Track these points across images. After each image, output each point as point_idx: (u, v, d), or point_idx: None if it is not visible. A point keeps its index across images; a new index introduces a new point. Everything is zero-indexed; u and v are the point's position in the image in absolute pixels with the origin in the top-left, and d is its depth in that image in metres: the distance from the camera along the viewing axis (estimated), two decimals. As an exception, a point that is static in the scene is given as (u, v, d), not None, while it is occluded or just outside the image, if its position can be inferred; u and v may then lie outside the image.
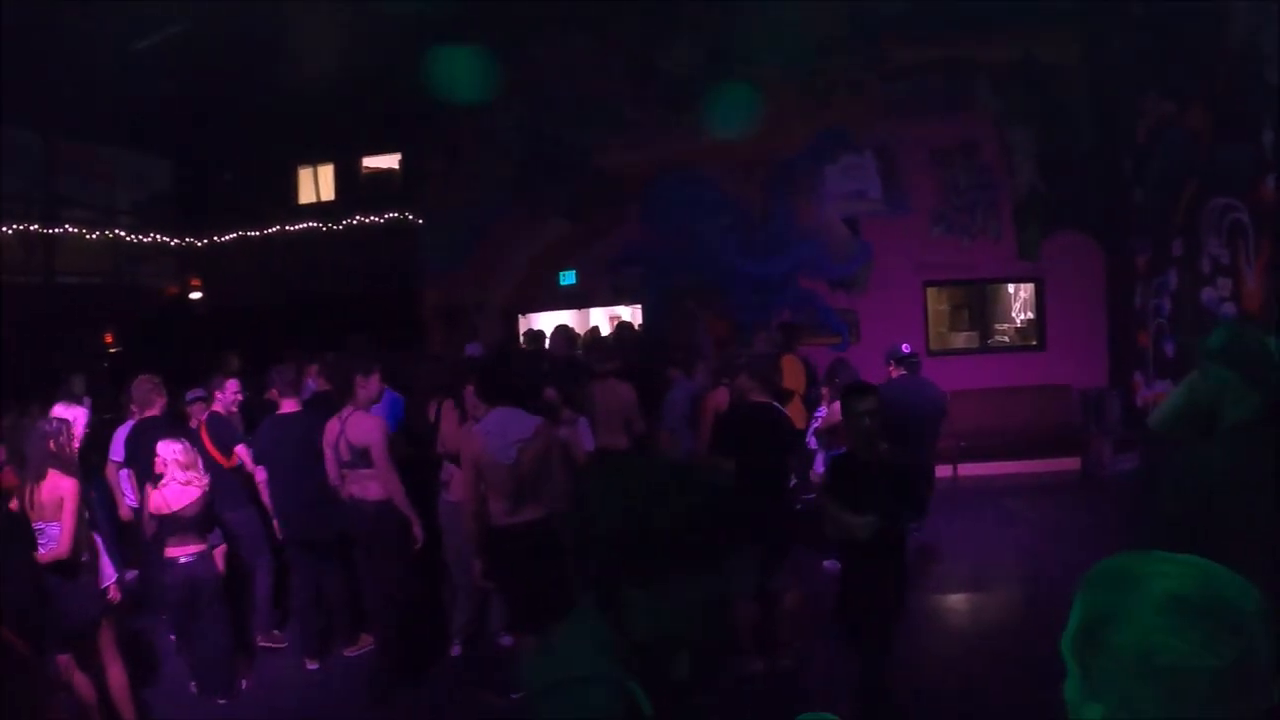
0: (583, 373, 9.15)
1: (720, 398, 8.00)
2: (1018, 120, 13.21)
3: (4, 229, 16.81)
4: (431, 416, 7.89)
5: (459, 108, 14.25)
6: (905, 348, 8.42)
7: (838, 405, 8.50)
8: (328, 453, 6.89)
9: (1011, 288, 14.67)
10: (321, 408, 7.66)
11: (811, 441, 8.88)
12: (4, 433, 7.73)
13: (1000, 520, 10.61)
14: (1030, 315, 14.08)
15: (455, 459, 6.77)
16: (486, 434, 6.05)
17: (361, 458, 6.68)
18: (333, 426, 6.87)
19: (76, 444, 6.43)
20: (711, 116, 13.34)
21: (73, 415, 6.73)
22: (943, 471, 11.75)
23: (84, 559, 5.84)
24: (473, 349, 12.53)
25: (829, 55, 13.49)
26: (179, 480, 6.43)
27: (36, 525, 5.64)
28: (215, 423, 7.96)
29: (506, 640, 7.02)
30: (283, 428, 7.41)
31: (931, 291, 13.80)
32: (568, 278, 15.59)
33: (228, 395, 8.30)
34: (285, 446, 7.29)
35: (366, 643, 7.39)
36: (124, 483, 8.20)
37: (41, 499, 5.73)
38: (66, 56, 12.97)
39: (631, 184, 14.63)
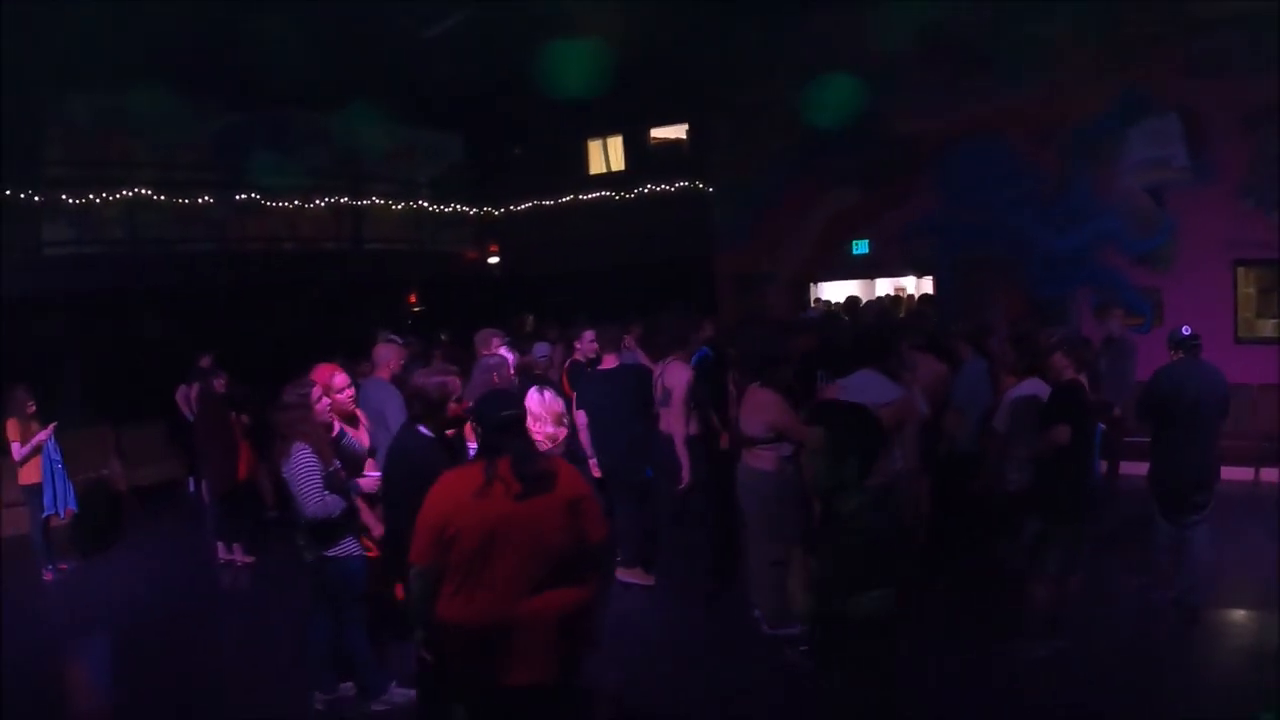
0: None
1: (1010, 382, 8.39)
2: (1338, 81, 11.94)
3: (318, 202, 19.18)
4: (732, 390, 9.18)
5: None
6: (1185, 330, 8.03)
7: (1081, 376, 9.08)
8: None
9: (1329, 271, 13.66)
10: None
11: None
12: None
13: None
14: (1351, 304, 13.01)
15: (754, 442, 7.39)
16: (845, 390, 6.70)
17: (668, 398, 8.21)
18: (658, 370, 8.57)
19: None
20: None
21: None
22: (1241, 474, 11.59)
23: None
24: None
25: (1128, 9, 13.20)
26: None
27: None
28: (574, 369, 9.65)
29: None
30: (607, 381, 8.78)
31: (1240, 272, 12.94)
32: (860, 247, 16.31)
33: (585, 345, 9.72)
34: (610, 397, 8.64)
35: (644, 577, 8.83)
36: None
37: None
38: (366, 45, 14.71)
39: (924, 151, 14.96)
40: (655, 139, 20.88)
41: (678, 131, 20.49)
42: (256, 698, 7.12)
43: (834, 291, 17.79)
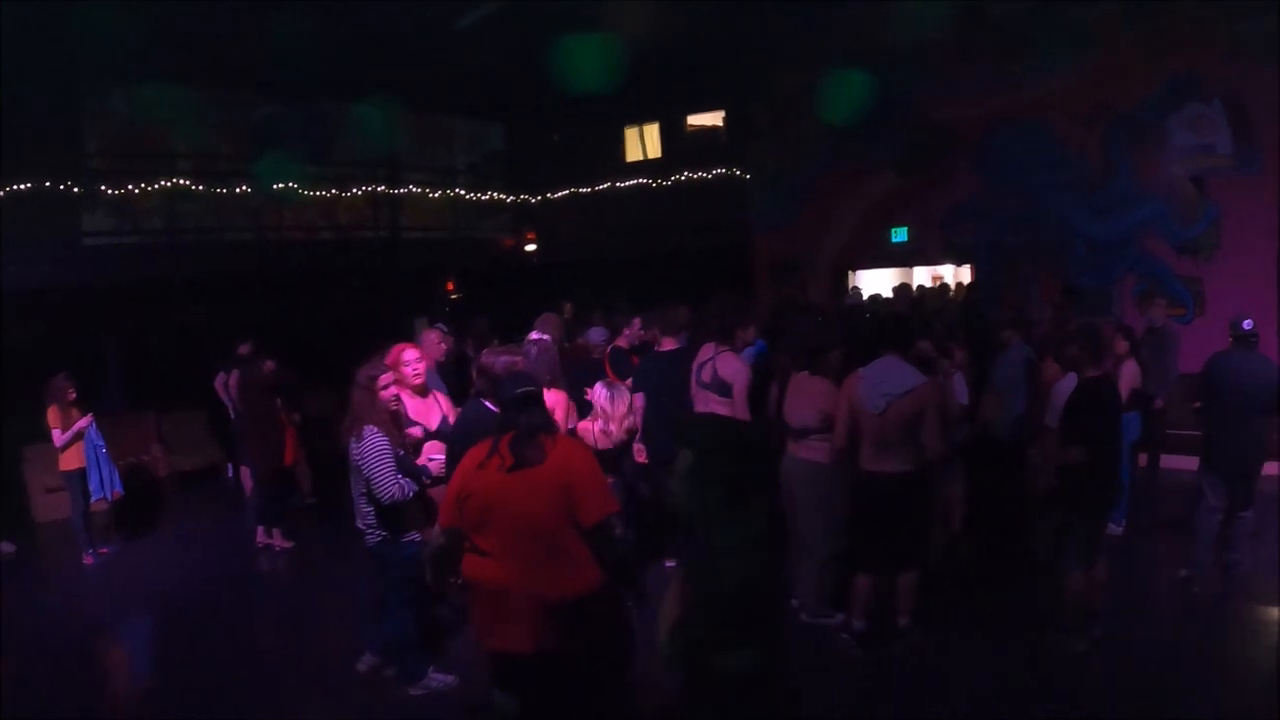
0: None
1: (1054, 371, 8.42)
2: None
3: (355, 191, 19.34)
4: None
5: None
6: (1246, 324, 7.92)
7: (1132, 365, 8.97)
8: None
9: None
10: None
11: None
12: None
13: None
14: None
15: (806, 433, 7.32)
16: (864, 379, 6.66)
17: (721, 389, 8.12)
18: (705, 352, 8.41)
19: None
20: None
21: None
22: (1280, 468, 11.44)
23: None
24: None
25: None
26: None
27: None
28: (616, 354, 9.66)
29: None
30: (670, 363, 8.80)
31: (1285, 262, 12.42)
32: (899, 235, 16.27)
33: (634, 331, 9.83)
34: (667, 379, 8.64)
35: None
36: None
37: None
38: (404, 35, 14.78)
39: (964, 137, 14.93)
40: (692, 126, 20.81)
41: (715, 118, 20.41)
42: (293, 679, 7.24)
43: (872, 279, 17.73)
